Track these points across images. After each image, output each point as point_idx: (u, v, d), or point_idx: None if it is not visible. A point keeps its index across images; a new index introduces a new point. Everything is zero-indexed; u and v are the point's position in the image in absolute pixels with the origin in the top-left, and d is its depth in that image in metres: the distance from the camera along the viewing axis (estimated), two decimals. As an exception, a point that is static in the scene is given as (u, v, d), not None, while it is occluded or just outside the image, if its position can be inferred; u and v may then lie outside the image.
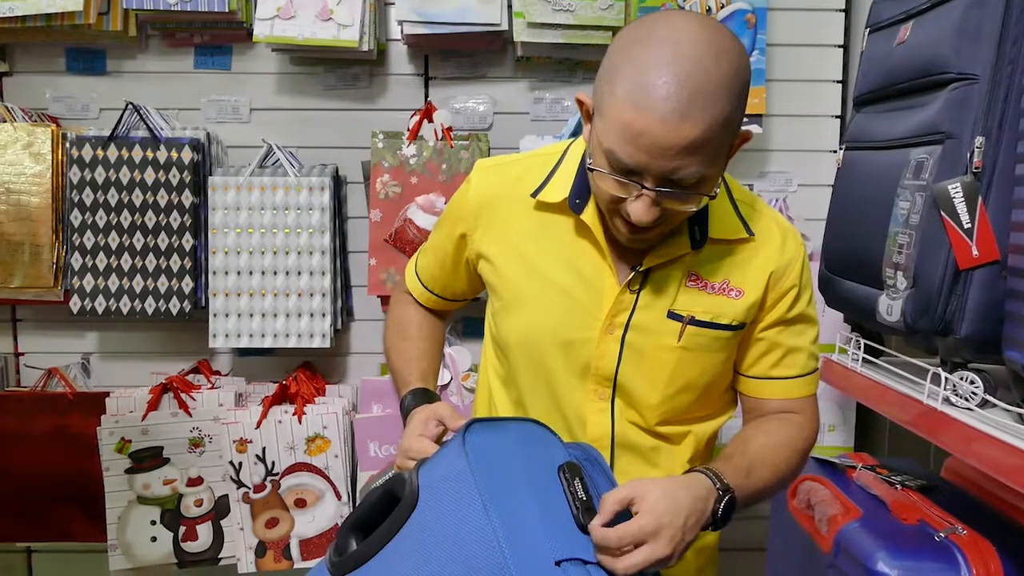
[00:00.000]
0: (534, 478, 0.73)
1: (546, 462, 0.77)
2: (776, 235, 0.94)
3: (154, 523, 1.63)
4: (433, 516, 0.69)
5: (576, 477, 0.74)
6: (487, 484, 0.68)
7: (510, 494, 0.69)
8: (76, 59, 1.69)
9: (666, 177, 0.77)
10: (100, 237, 1.58)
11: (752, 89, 1.62)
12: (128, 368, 1.73)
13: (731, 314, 0.92)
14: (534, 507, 0.69)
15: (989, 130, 1.03)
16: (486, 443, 0.74)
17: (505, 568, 0.63)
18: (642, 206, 0.79)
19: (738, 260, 0.93)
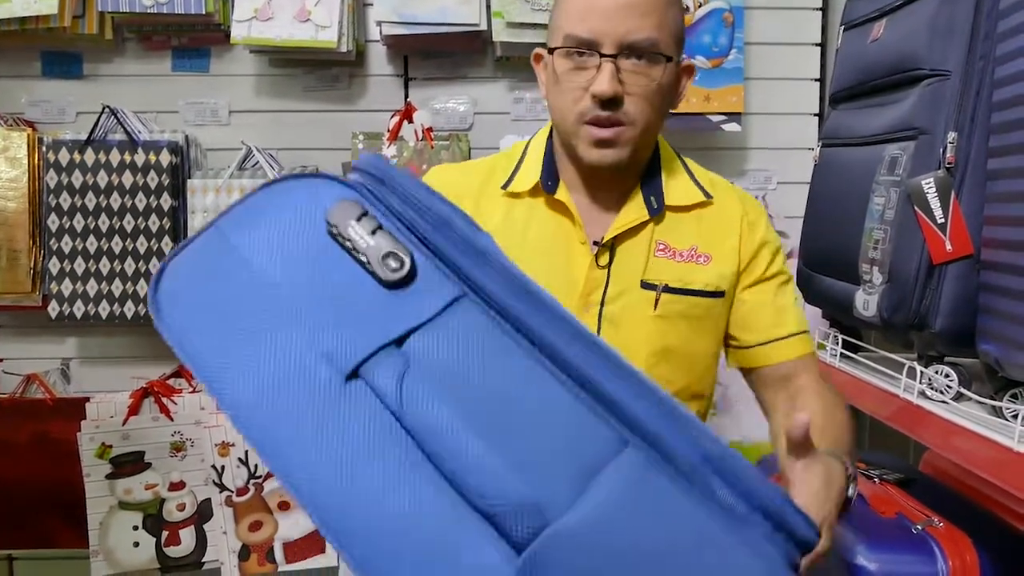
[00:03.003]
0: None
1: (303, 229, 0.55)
2: (735, 198, 0.99)
3: (136, 528, 1.62)
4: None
5: (352, 219, 0.52)
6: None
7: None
8: (52, 63, 1.68)
9: (621, 43, 0.83)
10: (78, 241, 1.57)
11: (730, 88, 1.63)
12: (108, 373, 1.72)
13: (703, 280, 0.93)
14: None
15: (961, 125, 1.04)
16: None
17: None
18: (604, 76, 0.83)
19: (703, 227, 0.95)
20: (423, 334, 0.50)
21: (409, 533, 0.45)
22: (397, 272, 0.50)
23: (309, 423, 0.47)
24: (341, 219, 0.51)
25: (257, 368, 0.49)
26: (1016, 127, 0.94)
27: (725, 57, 1.62)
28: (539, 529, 0.45)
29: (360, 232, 0.51)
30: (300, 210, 0.52)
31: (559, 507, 0.46)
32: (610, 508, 0.46)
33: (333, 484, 0.46)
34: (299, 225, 0.52)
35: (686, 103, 1.62)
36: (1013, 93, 0.94)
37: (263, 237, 0.52)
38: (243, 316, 0.50)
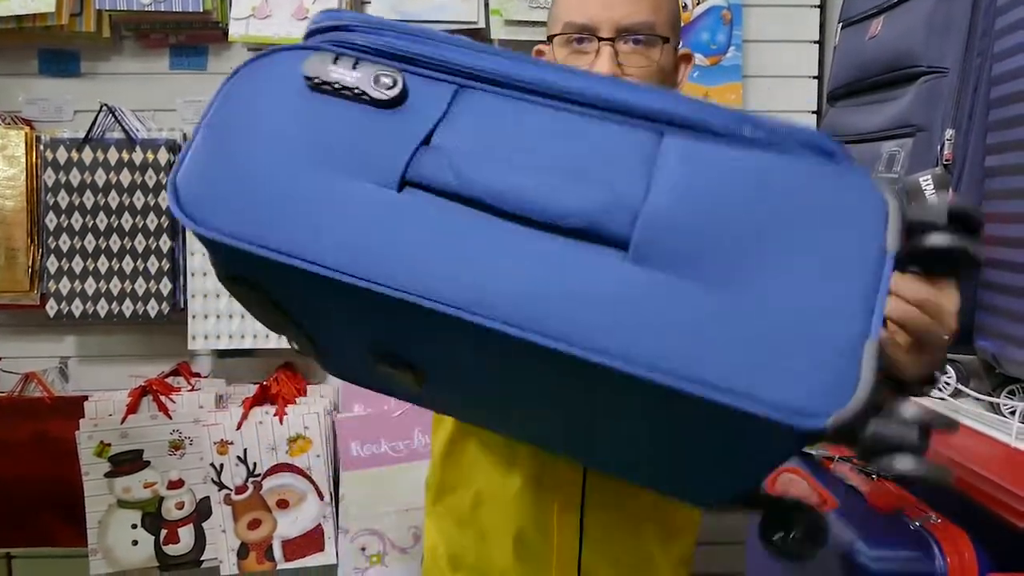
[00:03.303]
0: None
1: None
2: None
3: (135, 527, 1.62)
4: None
5: (329, 64, 0.53)
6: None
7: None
8: (49, 61, 1.68)
9: (618, 27, 0.86)
10: (76, 240, 1.57)
11: (729, 85, 1.63)
12: (107, 371, 1.72)
13: None
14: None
15: (959, 122, 1.04)
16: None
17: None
18: (603, 59, 0.85)
19: None
20: (444, 129, 0.51)
21: (534, 282, 0.47)
22: (392, 88, 0.51)
23: (399, 239, 0.48)
24: (318, 69, 0.52)
25: (325, 222, 0.49)
26: (1014, 124, 0.94)
27: (723, 55, 1.62)
28: (632, 220, 0.47)
29: (341, 71, 0.52)
30: (278, 80, 0.53)
31: (637, 197, 0.48)
32: (686, 181, 0.48)
33: (458, 278, 0.47)
34: (282, 93, 0.53)
35: (684, 101, 1.62)
36: (1011, 90, 0.94)
37: (255, 115, 0.53)
38: (276, 186, 0.50)
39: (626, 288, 0.46)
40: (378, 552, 1.63)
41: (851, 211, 0.47)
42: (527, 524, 0.93)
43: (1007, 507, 1.12)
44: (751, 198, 0.47)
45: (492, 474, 0.94)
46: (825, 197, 0.47)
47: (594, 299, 0.46)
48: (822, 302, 0.45)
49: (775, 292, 0.45)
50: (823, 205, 0.46)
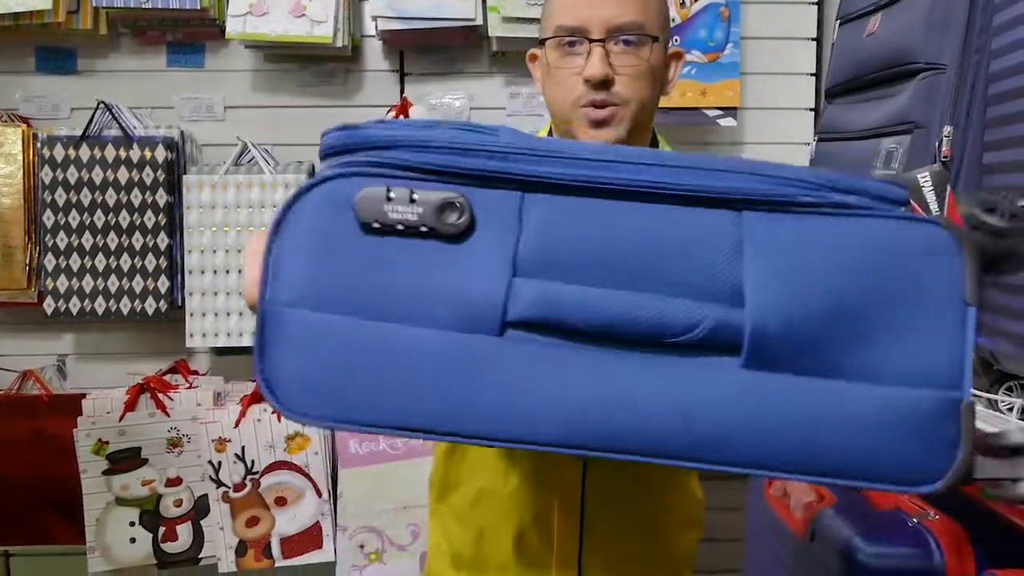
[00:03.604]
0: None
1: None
2: None
3: (133, 524, 1.62)
4: None
5: (383, 203, 0.49)
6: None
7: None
8: (46, 58, 1.67)
9: (608, 27, 0.86)
10: (73, 238, 1.56)
11: (727, 82, 1.63)
12: (104, 369, 1.72)
13: None
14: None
15: (957, 119, 1.04)
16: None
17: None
18: (594, 60, 0.86)
19: None
20: (522, 246, 0.49)
21: (667, 403, 0.47)
22: (461, 218, 0.48)
23: (514, 386, 0.47)
24: (373, 210, 0.48)
25: (429, 389, 0.47)
26: (1012, 120, 0.94)
27: (721, 52, 1.62)
28: (740, 327, 0.48)
29: (400, 209, 0.48)
30: (326, 231, 0.49)
31: (738, 297, 0.48)
32: (781, 268, 0.48)
33: (582, 415, 0.47)
34: (337, 243, 0.49)
35: (682, 97, 1.62)
36: (1009, 86, 0.94)
37: (315, 276, 0.48)
38: (363, 357, 0.48)
39: (747, 396, 0.47)
40: (376, 549, 1.63)
41: (934, 269, 0.48)
42: (527, 522, 0.93)
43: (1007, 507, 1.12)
44: (845, 278, 0.48)
45: (494, 472, 0.94)
46: (909, 258, 0.48)
47: (716, 412, 0.47)
48: (923, 369, 0.48)
49: (881, 369, 0.48)
50: (909, 267, 0.48)
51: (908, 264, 0.48)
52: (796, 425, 0.47)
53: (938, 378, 0.48)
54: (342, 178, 0.49)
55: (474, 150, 0.49)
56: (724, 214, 0.49)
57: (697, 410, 0.47)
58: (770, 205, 0.49)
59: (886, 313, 0.48)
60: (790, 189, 0.49)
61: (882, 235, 0.48)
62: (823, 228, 0.48)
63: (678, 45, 1.61)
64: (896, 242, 0.48)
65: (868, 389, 0.48)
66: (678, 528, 1.00)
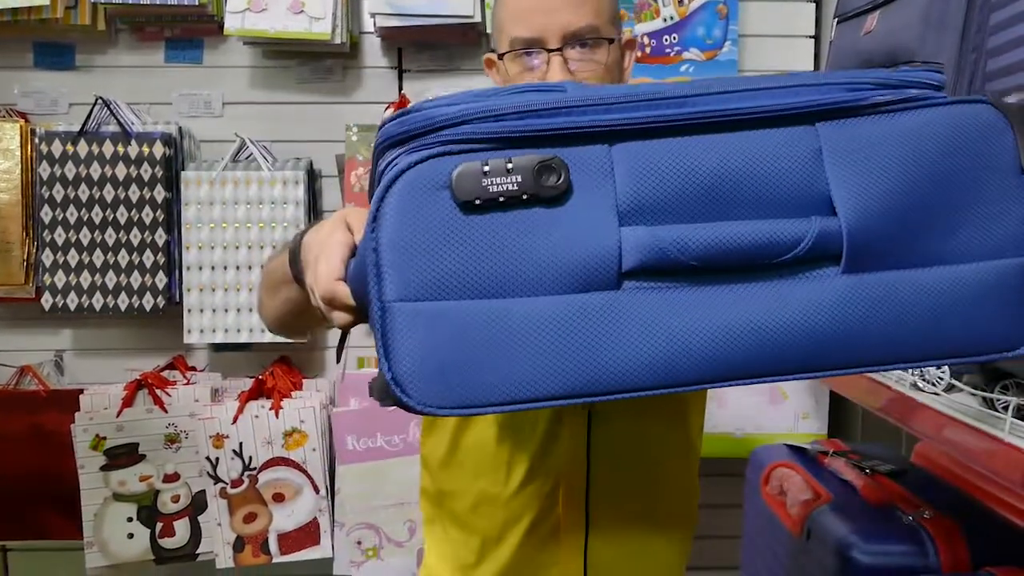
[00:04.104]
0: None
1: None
2: None
3: (130, 520, 1.62)
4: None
5: (480, 176, 0.48)
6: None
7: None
8: (44, 54, 1.67)
9: (564, 35, 0.86)
10: (71, 233, 1.56)
11: (725, 80, 1.63)
12: (102, 365, 1.72)
13: None
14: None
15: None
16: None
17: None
18: (554, 69, 0.86)
19: None
20: (620, 196, 0.49)
21: (784, 321, 0.50)
22: (560, 180, 0.48)
23: (636, 337, 0.48)
24: (473, 187, 0.47)
25: (558, 356, 0.48)
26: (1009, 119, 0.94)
27: (719, 50, 1.62)
28: (837, 235, 0.50)
29: (499, 180, 0.47)
30: (424, 218, 0.47)
31: (829, 206, 0.51)
32: (862, 175, 0.51)
33: (711, 349, 0.49)
34: (438, 228, 0.47)
35: (680, 96, 1.62)
36: (1006, 86, 0.94)
37: (422, 265, 0.47)
38: (487, 338, 0.47)
39: (852, 299, 0.50)
40: (374, 546, 1.63)
41: (991, 144, 0.52)
42: (532, 519, 0.93)
43: (1000, 501, 1.13)
44: (918, 168, 0.51)
45: (495, 476, 0.93)
46: (969, 139, 0.52)
47: (828, 320, 0.50)
48: (1002, 239, 0.52)
49: (966, 248, 0.52)
50: (971, 147, 0.52)
51: (969, 144, 0.51)
52: (899, 317, 0.51)
53: (1017, 245, 0.52)
54: (431, 159, 0.47)
55: (548, 110, 0.49)
56: (801, 129, 0.51)
57: (810, 322, 0.50)
58: (839, 112, 0.51)
59: (960, 194, 0.51)
60: (852, 94, 0.51)
61: (943, 121, 0.51)
62: (890, 125, 0.51)
63: (677, 43, 1.62)
64: (956, 126, 0.51)
65: (958, 269, 0.51)
66: (681, 520, 1.01)
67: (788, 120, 0.51)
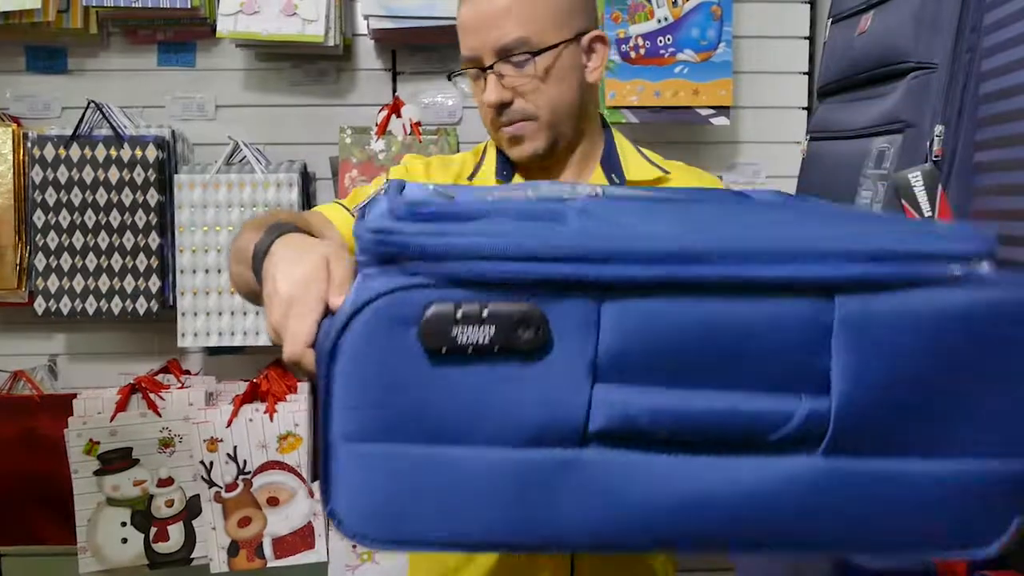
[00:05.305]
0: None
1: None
2: (693, 174, 1.02)
3: (124, 525, 1.61)
4: None
5: (450, 324, 0.44)
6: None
7: None
8: (36, 57, 1.67)
9: (495, 51, 0.88)
10: (64, 237, 1.56)
11: (719, 81, 1.63)
12: (96, 369, 1.71)
13: None
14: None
15: (948, 118, 1.04)
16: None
17: None
18: (489, 87, 0.88)
19: None
20: (601, 352, 0.45)
21: (750, 499, 0.46)
22: (538, 333, 0.43)
23: (595, 499, 0.46)
24: (440, 335, 0.43)
25: (507, 507, 0.45)
26: (1003, 119, 0.93)
27: (714, 51, 1.62)
28: (826, 417, 0.46)
29: (470, 331, 0.43)
30: (385, 357, 0.44)
31: (824, 385, 0.46)
32: (870, 351, 0.45)
33: (669, 519, 0.46)
34: (399, 368, 0.44)
35: (674, 96, 1.62)
36: (1000, 86, 0.94)
37: (379, 405, 0.45)
38: (438, 482, 0.45)
39: (826, 483, 0.46)
40: (368, 549, 1.62)
41: (1019, 342, 0.46)
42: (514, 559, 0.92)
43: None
44: (932, 355, 0.45)
45: None
46: (996, 331, 0.46)
47: (797, 501, 0.46)
48: (999, 441, 0.47)
49: (957, 442, 0.47)
50: (994, 340, 0.46)
51: (994, 337, 0.46)
52: (871, 506, 0.47)
53: (1013, 448, 0.47)
54: (400, 291, 0.43)
55: (542, 258, 0.43)
56: (814, 301, 0.45)
57: (778, 502, 0.46)
58: (864, 287, 0.45)
59: (968, 388, 0.46)
60: (883, 269, 0.45)
61: (969, 307, 0.45)
62: (912, 305, 0.45)
63: (671, 44, 1.61)
64: (984, 315, 0.45)
65: (942, 463, 0.47)
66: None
67: (806, 291, 0.45)
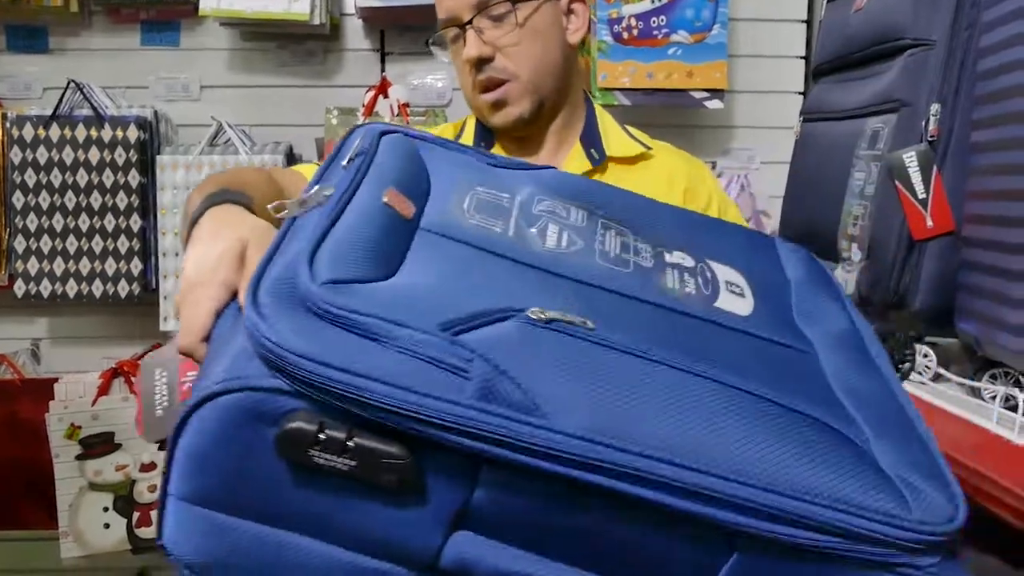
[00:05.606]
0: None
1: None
2: (678, 155, 1.02)
3: (107, 510, 1.60)
4: None
5: (308, 444, 0.41)
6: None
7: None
8: (16, 36, 1.64)
9: (472, 6, 0.88)
10: (44, 219, 1.53)
11: (713, 64, 1.59)
12: (79, 353, 1.69)
13: None
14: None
15: (945, 97, 1.01)
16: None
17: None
18: (468, 42, 0.88)
19: (648, 177, 0.97)
20: (474, 503, 0.42)
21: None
22: (403, 479, 0.40)
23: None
24: (295, 450, 0.40)
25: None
26: (1001, 97, 0.90)
27: (708, 32, 1.58)
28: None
29: (328, 456, 0.40)
30: (239, 447, 0.41)
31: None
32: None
33: None
34: (251, 461, 0.41)
35: (667, 79, 1.58)
36: (999, 62, 0.91)
37: (225, 484, 0.42)
38: (267, 560, 0.43)
39: None
40: None
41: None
42: None
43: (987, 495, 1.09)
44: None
45: None
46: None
47: None
48: None
49: None
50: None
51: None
52: None
53: None
54: (265, 393, 0.40)
55: (432, 420, 0.39)
56: (711, 542, 0.42)
57: None
58: (768, 545, 0.41)
59: None
60: (802, 537, 0.41)
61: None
62: (810, 574, 0.42)
63: (665, 25, 1.57)
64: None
65: None
66: None
67: (709, 527, 0.41)
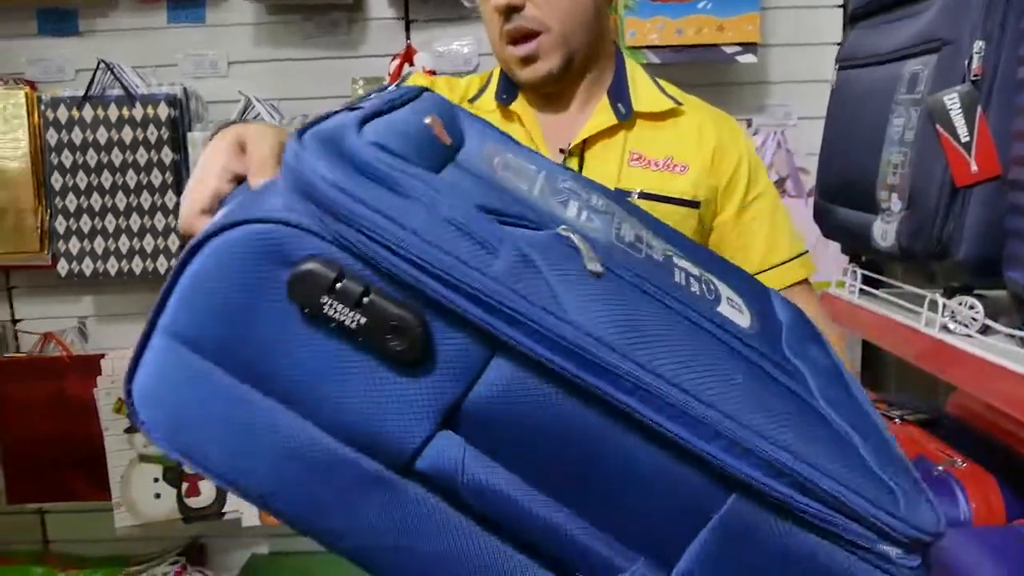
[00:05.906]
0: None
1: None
2: (709, 112, 0.98)
3: (156, 480, 1.65)
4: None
5: (324, 292, 0.39)
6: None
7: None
8: (47, 20, 1.67)
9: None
10: (82, 199, 1.56)
11: (745, 16, 1.54)
12: (125, 330, 1.74)
13: (680, 188, 0.91)
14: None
15: (990, 32, 0.95)
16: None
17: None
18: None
19: (678, 134, 0.94)
20: (469, 402, 0.41)
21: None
22: (409, 349, 0.39)
23: (381, 522, 0.42)
24: (307, 295, 0.38)
25: (301, 483, 0.42)
26: (1048, 30, 0.85)
27: (740, -18, 1.52)
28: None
29: (340, 308, 0.38)
30: (247, 284, 0.40)
31: (670, 562, 0.43)
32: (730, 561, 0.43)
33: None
34: (257, 302, 0.40)
35: (697, 33, 1.53)
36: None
37: (222, 328, 0.41)
38: (242, 419, 0.42)
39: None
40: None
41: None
42: None
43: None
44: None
45: None
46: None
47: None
48: None
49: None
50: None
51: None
52: None
53: None
54: (289, 227, 0.39)
55: (454, 282, 0.38)
56: (710, 485, 0.41)
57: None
58: (764, 501, 0.41)
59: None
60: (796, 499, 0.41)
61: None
62: (797, 542, 0.42)
63: (693, -24, 1.52)
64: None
65: None
66: None
67: (710, 473, 0.41)
